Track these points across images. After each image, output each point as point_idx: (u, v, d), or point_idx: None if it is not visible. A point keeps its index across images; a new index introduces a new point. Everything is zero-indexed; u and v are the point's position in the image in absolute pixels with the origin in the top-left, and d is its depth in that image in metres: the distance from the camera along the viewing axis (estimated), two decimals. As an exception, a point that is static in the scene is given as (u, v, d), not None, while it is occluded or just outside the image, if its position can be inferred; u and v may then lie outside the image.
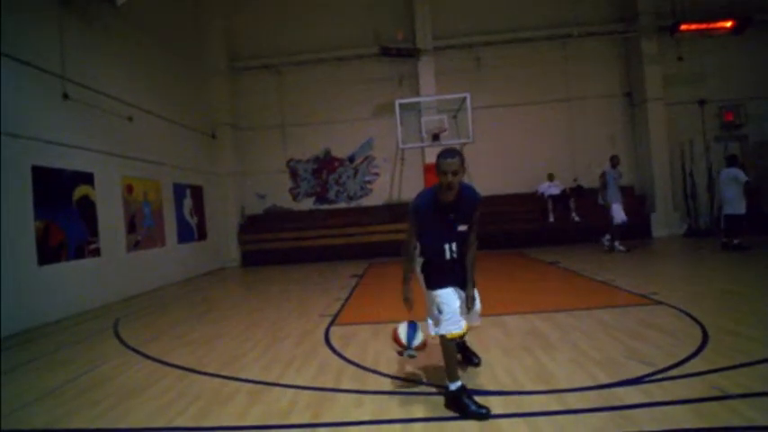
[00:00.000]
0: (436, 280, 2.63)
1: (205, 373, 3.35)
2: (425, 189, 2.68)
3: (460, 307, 2.58)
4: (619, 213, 8.58)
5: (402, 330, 2.78)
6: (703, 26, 10.47)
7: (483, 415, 2.33)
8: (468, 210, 2.57)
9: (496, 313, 4.49)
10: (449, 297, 2.56)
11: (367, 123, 11.94)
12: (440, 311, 2.54)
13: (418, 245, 2.70)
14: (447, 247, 2.59)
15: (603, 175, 8.76)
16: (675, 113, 11.31)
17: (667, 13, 10.95)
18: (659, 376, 2.72)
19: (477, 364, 3.08)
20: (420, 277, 2.76)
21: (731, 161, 8.09)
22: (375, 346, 3.73)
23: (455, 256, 2.62)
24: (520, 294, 5.63)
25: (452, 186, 2.42)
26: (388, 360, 3.34)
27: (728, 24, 10.37)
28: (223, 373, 3.31)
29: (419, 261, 2.76)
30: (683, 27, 10.42)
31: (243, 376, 3.22)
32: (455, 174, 2.40)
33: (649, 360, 2.97)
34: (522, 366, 3.04)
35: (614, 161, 8.81)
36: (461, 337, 2.75)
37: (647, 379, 2.69)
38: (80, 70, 6.65)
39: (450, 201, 2.50)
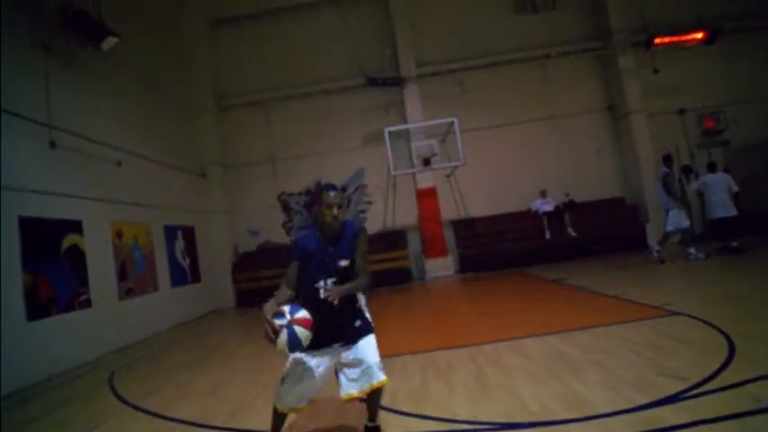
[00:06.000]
0: None
1: (213, 427, 3.12)
2: (304, 231, 2.61)
3: (305, 385, 2.38)
4: (682, 218, 7.76)
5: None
6: (676, 39, 10.84)
7: None
8: (348, 243, 2.48)
9: (513, 337, 4.34)
10: (294, 371, 2.37)
11: (357, 153, 11.94)
12: (282, 379, 2.38)
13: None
14: (322, 282, 2.39)
15: (666, 175, 7.71)
16: (658, 124, 11.52)
17: (640, 29, 11.31)
18: (696, 391, 2.58)
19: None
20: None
21: (712, 167, 8.36)
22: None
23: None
24: (531, 315, 5.46)
25: (337, 218, 2.43)
26: (403, 397, 3.16)
27: (700, 35, 10.75)
28: (232, 425, 3.09)
29: None
30: (657, 41, 10.76)
31: (254, 427, 2.99)
32: (339, 207, 2.43)
33: (681, 375, 2.83)
34: (551, 392, 2.88)
35: (669, 161, 7.91)
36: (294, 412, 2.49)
37: (684, 396, 2.55)
38: (67, 117, 6.55)
39: (332, 235, 2.47)
